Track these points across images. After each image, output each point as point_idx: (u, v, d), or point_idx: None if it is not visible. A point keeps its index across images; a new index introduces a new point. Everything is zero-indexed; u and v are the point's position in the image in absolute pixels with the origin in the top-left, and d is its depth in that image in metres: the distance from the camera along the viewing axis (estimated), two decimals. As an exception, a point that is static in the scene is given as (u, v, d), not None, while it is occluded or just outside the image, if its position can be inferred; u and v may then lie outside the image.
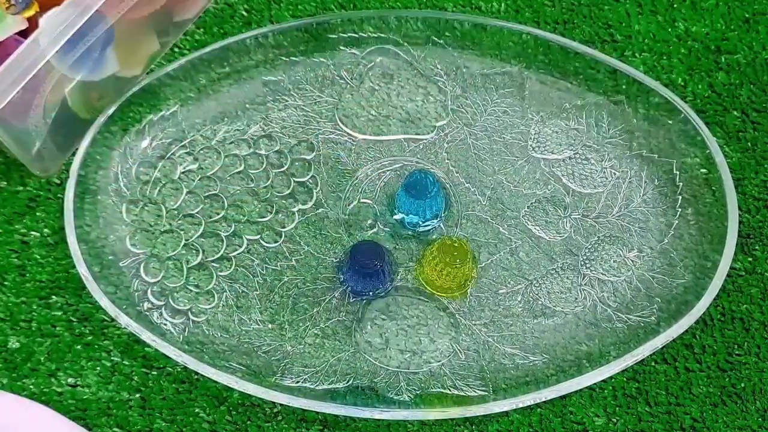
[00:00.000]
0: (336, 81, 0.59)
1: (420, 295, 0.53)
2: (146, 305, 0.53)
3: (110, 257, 0.53)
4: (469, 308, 0.53)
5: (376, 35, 0.59)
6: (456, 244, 0.51)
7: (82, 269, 0.51)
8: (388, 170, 0.57)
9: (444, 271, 0.51)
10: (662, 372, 0.53)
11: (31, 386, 0.52)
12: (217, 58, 0.58)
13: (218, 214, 0.55)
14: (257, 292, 0.53)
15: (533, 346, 0.52)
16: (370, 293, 0.53)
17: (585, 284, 0.54)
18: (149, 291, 0.53)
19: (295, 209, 0.56)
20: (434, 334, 0.52)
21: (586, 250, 0.55)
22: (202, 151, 0.57)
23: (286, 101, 0.59)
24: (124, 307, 0.51)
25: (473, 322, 0.53)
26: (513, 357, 0.52)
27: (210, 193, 0.56)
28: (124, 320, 0.50)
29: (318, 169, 0.57)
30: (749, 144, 0.59)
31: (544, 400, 0.49)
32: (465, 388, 0.51)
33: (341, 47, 0.60)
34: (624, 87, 0.58)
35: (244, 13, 0.63)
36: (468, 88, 0.59)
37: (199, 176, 0.57)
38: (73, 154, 0.56)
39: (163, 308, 0.53)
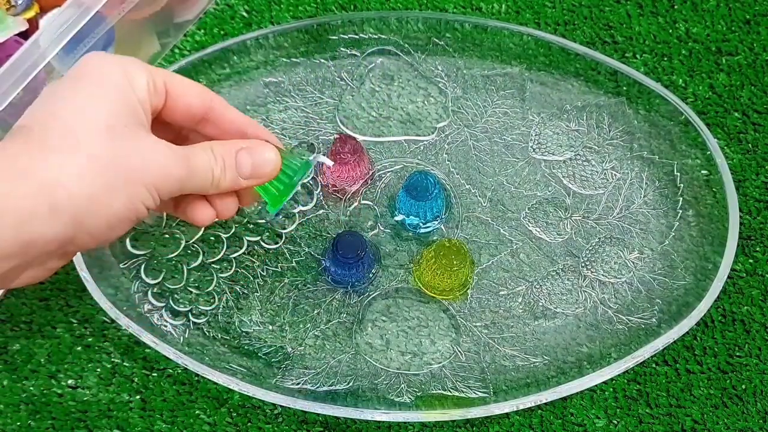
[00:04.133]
0: (336, 82, 0.59)
1: (421, 297, 0.53)
2: (147, 307, 0.53)
3: (111, 259, 0.53)
4: (470, 310, 0.53)
5: (376, 36, 0.59)
6: (455, 247, 0.51)
7: (82, 271, 0.51)
8: (388, 171, 0.57)
9: (444, 274, 0.51)
10: (663, 374, 0.53)
11: (32, 388, 0.52)
12: (217, 60, 0.58)
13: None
14: (258, 294, 0.53)
15: (534, 347, 0.52)
16: (349, 284, 0.53)
17: (586, 286, 0.54)
18: (150, 293, 0.53)
19: (296, 210, 0.56)
20: (435, 336, 0.52)
21: (587, 252, 0.55)
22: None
23: (287, 102, 0.59)
24: (125, 308, 0.51)
25: (474, 324, 0.53)
26: (513, 358, 0.52)
27: (210, 194, 0.56)
28: (125, 322, 0.50)
29: (319, 171, 0.57)
30: (750, 145, 0.59)
31: (544, 401, 0.49)
32: (466, 390, 0.51)
33: (342, 48, 0.59)
34: (625, 88, 0.58)
35: (245, 14, 0.63)
36: (468, 90, 0.59)
37: (200, 177, 0.57)
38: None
39: (163, 310, 0.53)
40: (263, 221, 0.55)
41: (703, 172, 0.56)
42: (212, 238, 0.55)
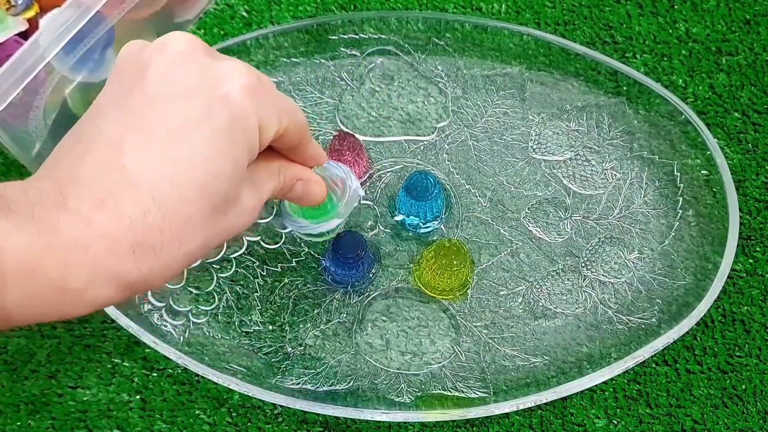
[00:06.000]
0: (336, 82, 0.59)
1: (421, 297, 0.53)
2: (146, 307, 0.53)
3: (111, 259, 0.53)
4: (470, 310, 0.53)
5: (376, 36, 0.59)
6: (455, 247, 0.51)
7: (82, 271, 0.51)
8: (388, 171, 0.57)
9: (444, 274, 0.51)
10: (663, 374, 0.53)
11: (32, 388, 0.52)
12: (217, 60, 0.58)
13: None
14: (257, 294, 0.53)
15: (534, 347, 0.52)
16: (349, 284, 0.53)
17: (586, 286, 0.54)
18: (149, 292, 0.53)
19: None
20: (435, 336, 0.52)
21: (587, 252, 0.55)
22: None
23: (287, 102, 0.59)
24: (125, 308, 0.51)
25: (474, 324, 0.53)
26: (513, 358, 0.52)
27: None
28: (125, 322, 0.50)
29: (318, 171, 0.57)
30: (750, 145, 0.59)
31: (544, 401, 0.49)
32: (466, 390, 0.51)
33: (342, 48, 0.59)
34: (625, 88, 0.58)
35: (245, 14, 0.63)
36: (468, 90, 0.59)
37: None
38: (74, 156, 0.56)
39: (163, 310, 0.53)
40: (263, 221, 0.55)
41: (703, 172, 0.56)
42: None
